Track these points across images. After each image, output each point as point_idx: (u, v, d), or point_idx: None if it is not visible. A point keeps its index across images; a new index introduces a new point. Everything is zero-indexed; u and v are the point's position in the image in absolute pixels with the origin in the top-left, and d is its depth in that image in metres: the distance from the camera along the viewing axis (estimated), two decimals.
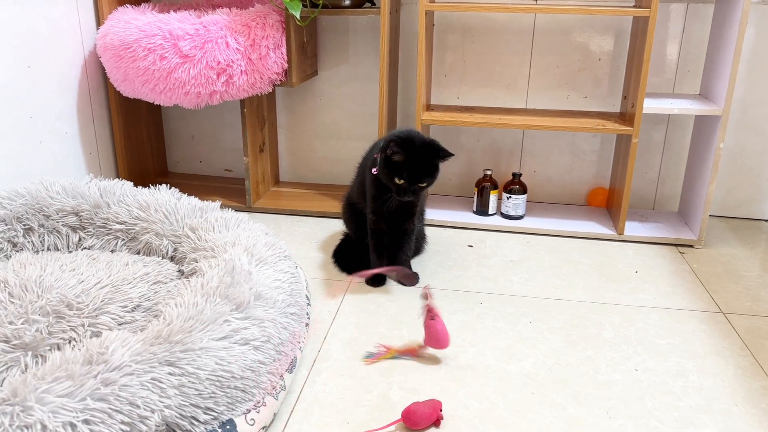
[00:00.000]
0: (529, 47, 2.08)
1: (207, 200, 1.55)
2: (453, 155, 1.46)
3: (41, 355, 1.03)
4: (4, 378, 0.98)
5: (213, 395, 0.95)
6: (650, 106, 1.82)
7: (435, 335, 1.25)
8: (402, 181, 1.45)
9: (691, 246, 1.90)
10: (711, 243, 1.93)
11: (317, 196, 2.21)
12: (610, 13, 1.76)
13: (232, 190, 2.27)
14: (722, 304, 1.55)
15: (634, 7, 1.84)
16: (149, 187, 1.57)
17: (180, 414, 0.91)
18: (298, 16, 1.76)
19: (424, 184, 1.47)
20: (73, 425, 0.81)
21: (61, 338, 1.07)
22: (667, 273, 1.72)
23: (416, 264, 1.72)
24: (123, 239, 1.47)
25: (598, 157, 2.16)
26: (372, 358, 1.29)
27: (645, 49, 1.75)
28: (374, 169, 1.51)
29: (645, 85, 1.78)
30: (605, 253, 1.84)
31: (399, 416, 1.10)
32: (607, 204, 2.15)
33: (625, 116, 1.95)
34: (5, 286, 1.16)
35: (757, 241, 1.96)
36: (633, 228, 1.96)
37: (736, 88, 2.01)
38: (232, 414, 0.98)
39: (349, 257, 1.71)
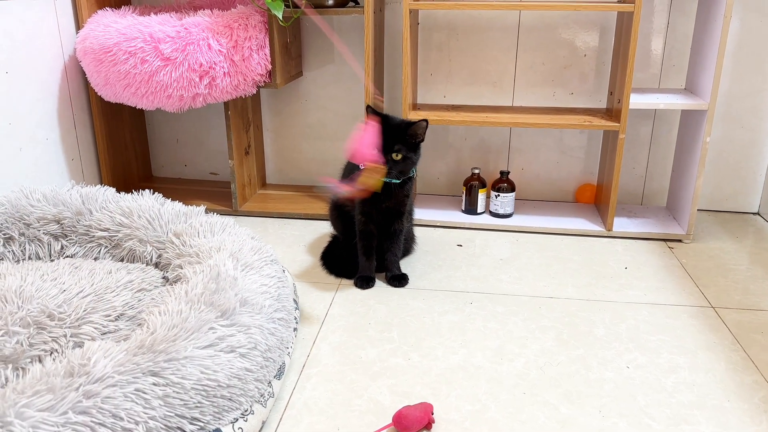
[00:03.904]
0: (514, 44, 2.07)
1: (193, 204, 1.53)
2: (426, 120, 1.46)
3: (22, 368, 1.00)
4: None
5: (199, 405, 0.93)
6: (636, 101, 1.81)
7: None
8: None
9: (679, 241, 1.89)
10: (700, 237, 1.93)
11: (305, 198, 2.19)
12: (595, 8, 1.75)
13: (218, 194, 2.24)
14: (712, 298, 1.55)
15: (619, 2, 1.83)
16: (133, 192, 1.54)
17: (165, 425, 0.89)
18: (280, 17, 1.74)
19: (399, 157, 1.45)
20: None
21: (42, 350, 1.04)
22: (657, 268, 1.71)
23: (405, 265, 1.71)
24: (106, 247, 1.45)
25: (586, 153, 2.15)
26: None
27: (630, 45, 1.74)
28: (362, 165, 1.50)
29: (631, 80, 1.78)
30: (594, 250, 1.83)
31: (390, 420, 1.09)
32: (596, 200, 2.15)
33: (612, 112, 1.94)
34: None
35: (745, 235, 1.96)
36: (621, 224, 1.96)
37: (721, 82, 2.01)
38: (219, 423, 0.96)
39: (337, 259, 1.70)
